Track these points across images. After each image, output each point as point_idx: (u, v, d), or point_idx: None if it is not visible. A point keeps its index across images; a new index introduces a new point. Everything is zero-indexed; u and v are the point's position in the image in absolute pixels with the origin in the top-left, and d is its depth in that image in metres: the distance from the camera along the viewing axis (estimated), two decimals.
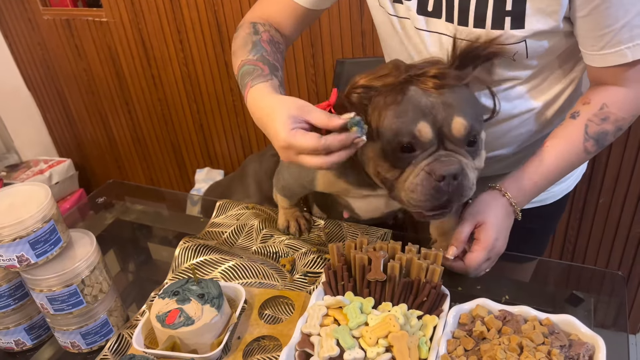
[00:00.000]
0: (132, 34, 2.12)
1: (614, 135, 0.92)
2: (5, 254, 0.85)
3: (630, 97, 0.89)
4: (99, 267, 0.94)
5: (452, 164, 0.78)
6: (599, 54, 0.86)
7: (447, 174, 0.77)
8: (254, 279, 1.07)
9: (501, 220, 0.92)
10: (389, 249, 0.87)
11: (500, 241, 0.92)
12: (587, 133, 0.91)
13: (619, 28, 0.82)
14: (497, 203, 0.93)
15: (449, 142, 0.81)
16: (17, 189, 0.93)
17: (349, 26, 1.73)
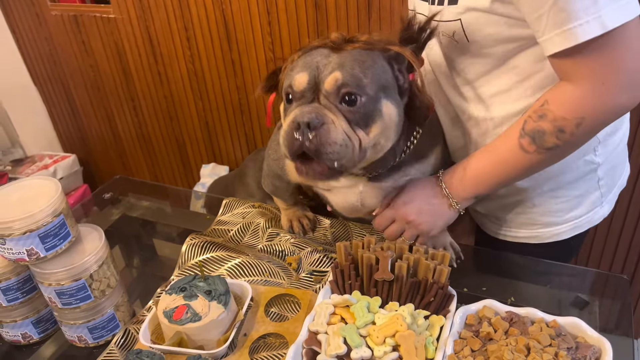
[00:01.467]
0: (139, 31, 2.12)
1: (555, 136, 0.82)
2: (15, 247, 0.86)
3: (573, 95, 0.80)
4: (107, 262, 0.94)
5: (309, 112, 0.79)
6: (542, 40, 0.79)
7: (301, 121, 0.78)
8: (260, 276, 1.08)
9: (420, 192, 0.97)
10: (396, 249, 0.88)
11: (409, 207, 0.96)
12: (523, 129, 0.85)
13: (547, 12, 0.75)
14: (426, 180, 0.99)
15: (324, 97, 0.82)
16: (28, 182, 0.93)
17: (357, 25, 1.73)
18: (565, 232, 1.07)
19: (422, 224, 0.96)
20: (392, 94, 0.86)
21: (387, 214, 0.98)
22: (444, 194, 0.95)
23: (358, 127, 0.83)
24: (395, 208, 0.97)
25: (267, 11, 1.83)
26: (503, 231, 1.13)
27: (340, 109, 0.82)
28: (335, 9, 1.73)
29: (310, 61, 0.84)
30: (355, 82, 0.81)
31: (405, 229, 0.98)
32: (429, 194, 0.96)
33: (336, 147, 0.80)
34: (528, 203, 1.06)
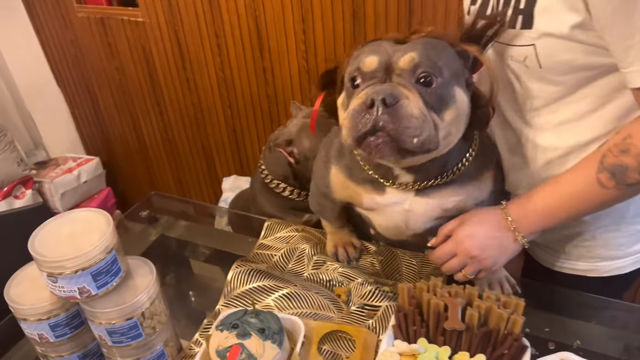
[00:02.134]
0: (167, 36, 2.08)
1: (638, 172, 0.78)
2: (67, 286, 0.82)
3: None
4: (159, 298, 0.91)
5: (385, 89, 0.76)
6: (627, 72, 0.76)
7: (375, 97, 0.75)
8: (308, 309, 1.04)
9: (483, 224, 0.91)
10: (465, 295, 0.83)
11: (472, 241, 0.90)
12: (602, 163, 0.81)
13: (638, 42, 0.72)
14: (489, 210, 0.93)
15: (396, 75, 0.79)
16: (77, 215, 0.90)
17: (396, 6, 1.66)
18: (625, 267, 1.03)
19: (486, 259, 0.91)
20: (462, 83, 0.84)
21: (448, 248, 0.94)
22: (509, 227, 0.90)
23: (432, 110, 0.79)
24: (457, 241, 0.92)
25: (302, 19, 1.78)
26: (559, 262, 1.08)
27: (416, 89, 0.78)
28: (374, 18, 1.67)
29: (378, 48, 0.82)
30: (431, 63, 0.78)
31: (467, 264, 0.93)
32: (494, 226, 0.91)
33: (414, 122, 0.76)
34: (588, 235, 1.02)
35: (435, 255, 0.96)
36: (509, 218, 0.90)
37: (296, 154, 1.27)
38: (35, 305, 0.86)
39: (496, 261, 0.93)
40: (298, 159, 1.28)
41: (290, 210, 1.37)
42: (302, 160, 1.28)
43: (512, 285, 1.04)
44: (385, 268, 1.14)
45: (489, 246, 0.91)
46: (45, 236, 0.85)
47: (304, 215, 1.37)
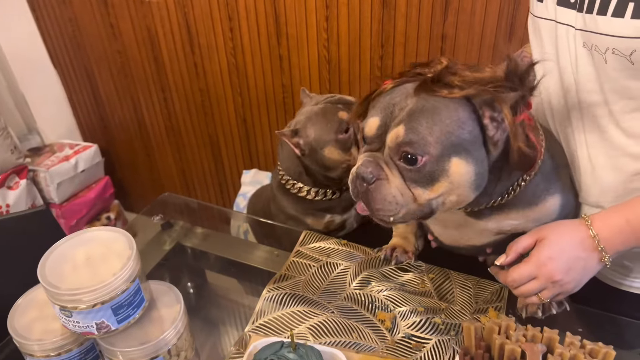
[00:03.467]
0: (175, 18, 1.93)
1: None
2: (84, 321, 0.70)
3: None
4: (187, 331, 0.79)
5: (367, 166, 0.77)
6: None
7: (358, 174, 0.78)
8: (347, 337, 0.93)
9: (566, 243, 0.81)
10: (543, 339, 0.73)
11: (555, 264, 0.80)
12: None
13: None
14: (572, 227, 0.82)
15: (388, 150, 0.77)
16: (93, 235, 0.77)
17: (429, 28, 1.55)
18: None
19: (569, 283, 0.82)
20: (469, 150, 0.74)
21: (527, 271, 0.82)
22: (596, 247, 0.80)
23: (416, 184, 0.76)
24: (539, 264, 0.81)
25: (326, 5, 1.64)
26: (624, 280, 0.99)
27: (397, 166, 0.76)
28: (406, 6, 1.54)
29: (389, 102, 0.78)
30: (417, 141, 0.73)
31: (547, 288, 0.83)
32: (579, 246, 0.81)
33: (385, 204, 0.77)
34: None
35: (511, 278, 0.85)
36: (596, 236, 0.80)
37: (302, 145, 1.17)
38: (44, 339, 0.75)
39: (578, 284, 0.84)
40: (304, 150, 1.17)
41: (310, 211, 1.26)
42: (308, 151, 1.18)
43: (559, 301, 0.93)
44: (438, 288, 1.03)
45: (573, 269, 0.81)
46: (58, 261, 0.73)
47: (326, 215, 1.26)
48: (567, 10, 0.83)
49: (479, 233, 0.92)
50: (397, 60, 1.65)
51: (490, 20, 1.48)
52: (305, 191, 1.24)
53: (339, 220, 1.29)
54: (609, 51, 0.77)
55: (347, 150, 1.16)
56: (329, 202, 1.25)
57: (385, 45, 1.64)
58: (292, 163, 1.24)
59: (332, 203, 1.26)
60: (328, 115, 1.16)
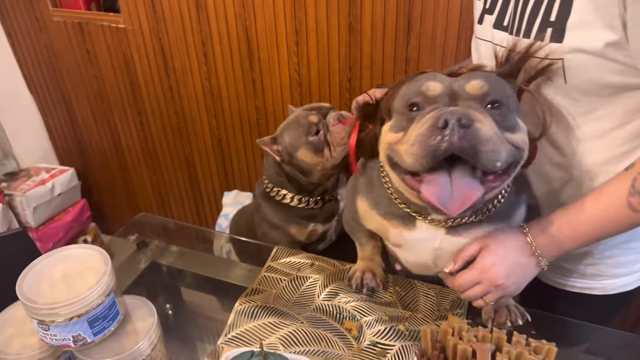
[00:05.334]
0: (150, 43, 1.98)
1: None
2: (61, 334, 0.74)
3: None
4: (160, 342, 0.83)
5: (456, 112, 0.71)
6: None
7: (450, 117, 0.70)
8: (315, 346, 0.97)
9: (507, 250, 0.87)
10: (493, 339, 0.78)
11: (497, 268, 0.86)
12: (633, 187, 0.79)
13: None
14: (512, 235, 0.88)
15: (463, 100, 0.76)
16: (70, 253, 0.82)
17: (393, 51, 1.63)
18: (630, 284, 1.04)
19: (510, 286, 0.88)
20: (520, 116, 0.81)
21: (471, 277, 0.89)
22: (533, 252, 0.87)
23: (505, 131, 0.76)
24: (482, 270, 0.87)
25: (296, 31, 1.72)
26: (564, 280, 1.07)
27: (488, 112, 0.76)
28: (371, 31, 1.62)
29: (434, 77, 0.80)
30: (500, 91, 0.77)
31: (491, 292, 0.89)
32: (518, 253, 0.87)
33: (492, 144, 0.71)
34: (598, 254, 1.01)
35: (457, 283, 0.91)
36: (533, 243, 0.87)
37: (281, 151, 1.23)
38: (22, 354, 0.78)
39: (519, 287, 0.90)
40: (283, 157, 1.24)
41: (294, 219, 1.31)
42: (287, 157, 1.25)
43: (522, 313, 1.00)
44: (402, 298, 1.08)
45: (514, 273, 0.88)
46: (35, 278, 0.77)
47: (309, 224, 1.32)
48: (502, 33, 0.91)
49: (452, 255, 0.93)
50: (365, 82, 1.73)
51: (450, 43, 1.57)
52: (289, 198, 1.29)
53: (321, 230, 1.34)
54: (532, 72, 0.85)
55: (319, 151, 1.22)
56: (312, 210, 1.31)
57: (353, 68, 1.71)
58: (275, 171, 1.30)
59: (314, 212, 1.31)
60: (300, 120, 1.22)
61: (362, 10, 1.60)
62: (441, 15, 1.52)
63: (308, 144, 1.21)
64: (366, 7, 1.59)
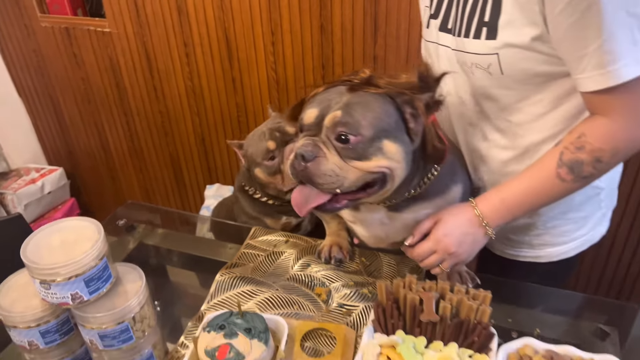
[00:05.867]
0: (135, 46, 2.09)
1: (592, 166, 0.90)
2: (60, 292, 0.85)
3: (611, 128, 0.88)
4: (148, 303, 0.94)
5: (307, 146, 0.88)
6: (579, 78, 0.87)
7: (297, 153, 0.88)
8: (289, 309, 1.09)
9: (457, 222, 0.99)
10: (437, 289, 0.91)
11: (449, 239, 0.98)
12: (561, 159, 0.91)
13: (592, 52, 0.82)
14: (460, 209, 1.00)
15: (325, 131, 0.89)
16: (67, 224, 0.92)
17: (362, 50, 1.76)
18: (571, 250, 1.16)
19: (462, 254, 1.00)
20: (396, 135, 0.90)
21: (427, 246, 1.00)
22: (480, 223, 0.98)
23: (352, 159, 0.88)
24: (436, 240, 0.99)
25: (272, 32, 1.84)
26: (515, 252, 1.19)
27: (334, 145, 0.88)
28: (341, 32, 1.75)
29: (326, 98, 0.91)
30: (352, 123, 0.87)
31: (445, 259, 1.01)
32: (467, 224, 0.99)
33: (326, 178, 0.88)
34: (540, 225, 1.13)
35: (416, 253, 1.02)
36: (480, 215, 0.99)
37: (245, 158, 1.32)
38: (26, 312, 0.88)
39: (470, 254, 1.02)
40: (247, 164, 1.32)
41: (268, 212, 1.41)
42: (247, 165, 1.32)
43: (472, 277, 1.12)
44: (368, 267, 1.20)
45: (464, 242, 0.99)
46: (37, 244, 0.87)
47: (282, 217, 1.42)
48: (446, 35, 1.03)
49: (400, 228, 1.06)
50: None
51: (415, 42, 1.70)
52: (259, 195, 1.40)
53: (295, 222, 1.45)
54: (474, 66, 0.97)
55: (272, 174, 1.29)
56: (281, 207, 1.41)
57: (326, 66, 1.84)
58: (246, 170, 1.40)
59: (287, 207, 1.40)
60: (261, 141, 1.28)
61: (332, 12, 1.72)
62: (404, 17, 1.65)
63: (263, 165, 1.28)
64: (335, 9, 1.71)
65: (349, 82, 0.92)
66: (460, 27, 0.98)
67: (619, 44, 0.80)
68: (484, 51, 0.94)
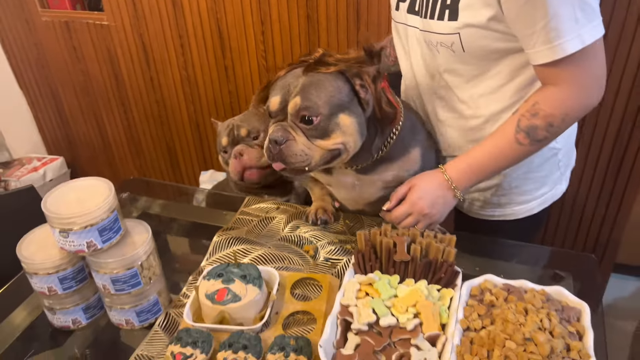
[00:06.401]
0: (132, 38, 2.20)
1: (545, 130, 1.02)
2: (77, 240, 0.96)
3: (560, 96, 1.00)
4: (153, 253, 1.06)
5: (277, 132, 1.01)
6: (530, 53, 0.99)
7: (271, 139, 1.01)
8: (280, 263, 1.21)
9: (430, 187, 1.11)
10: (410, 234, 1.03)
11: (423, 201, 1.10)
12: (518, 126, 1.04)
13: (539, 30, 0.94)
14: (432, 175, 1.13)
15: (289, 115, 1.02)
16: (82, 183, 1.04)
17: (346, 37, 1.88)
18: (535, 207, 1.29)
19: (435, 214, 1.12)
20: (349, 108, 1.04)
21: (403, 209, 1.11)
22: (449, 187, 1.11)
23: (317, 138, 1.02)
24: (411, 203, 1.10)
25: (261, 21, 1.96)
26: (482, 211, 1.32)
27: (300, 127, 1.01)
28: (326, 21, 1.87)
29: (284, 83, 1.04)
30: (310, 106, 1.00)
31: (420, 220, 1.13)
32: (438, 188, 1.11)
33: (297, 158, 1.02)
34: (506, 186, 1.26)
35: (394, 216, 1.14)
36: (450, 179, 1.11)
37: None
38: (46, 261, 1.00)
39: (442, 215, 1.14)
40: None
41: (253, 191, 1.53)
42: None
43: (443, 232, 1.24)
44: (351, 228, 1.32)
45: (436, 204, 1.11)
46: (56, 199, 0.99)
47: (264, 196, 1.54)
48: (414, 17, 1.15)
49: (370, 188, 1.20)
50: None
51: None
52: None
53: (282, 201, 1.57)
54: (439, 44, 1.10)
55: (225, 164, 1.47)
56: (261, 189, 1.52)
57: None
58: None
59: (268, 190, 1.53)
60: (221, 135, 1.46)
61: (317, 2, 1.85)
62: (384, 6, 1.78)
63: (220, 155, 1.46)
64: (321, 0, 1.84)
65: (305, 63, 1.05)
66: (426, 10, 1.10)
67: (562, 22, 0.93)
68: (447, 31, 1.06)
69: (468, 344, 0.85)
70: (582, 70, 0.99)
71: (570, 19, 0.93)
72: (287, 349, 0.92)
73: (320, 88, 1.01)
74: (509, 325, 0.84)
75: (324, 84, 1.02)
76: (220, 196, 1.53)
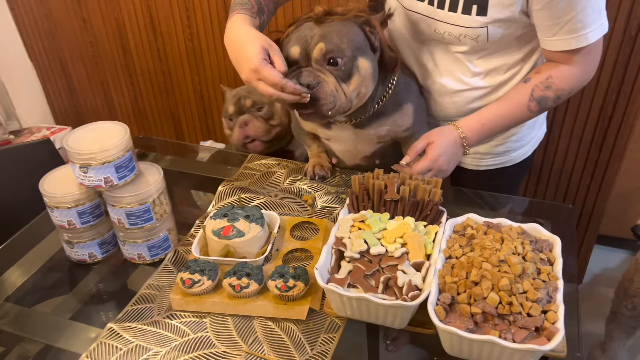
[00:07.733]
0: (140, 10, 2.28)
1: (553, 101, 1.16)
2: (95, 175, 1.05)
3: (572, 74, 1.13)
4: (164, 192, 1.15)
5: (308, 76, 1.05)
6: (551, 40, 1.09)
7: (303, 84, 1.04)
8: (281, 210, 1.30)
9: (447, 144, 1.18)
10: (400, 177, 1.12)
11: (443, 158, 1.17)
12: (532, 95, 1.15)
13: (566, 21, 1.04)
14: (448, 132, 1.20)
15: (314, 62, 1.07)
16: (100, 125, 1.13)
17: None
18: (528, 151, 1.41)
19: (449, 170, 1.21)
20: (365, 52, 1.11)
21: (425, 165, 1.16)
22: (462, 143, 1.20)
23: (342, 81, 1.08)
24: (432, 160, 1.16)
25: None
26: (481, 162, 1.41)
27: (328, 70, 1.07)
28: None
29: (300, 35, 1.09)
30: (336, 47, 1.06)
31: (437, 175, 1.19)
32: (454, 144, 1.19)
33: (328, 99, 1.06)
34: (502, 137, 1.35)
35: (416, 171, 1.17)
36: (465, 137, 1.19)
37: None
38: (66, 194, 1.09)
39: (452, 169, 1.23)
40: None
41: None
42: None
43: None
44: (347, 182, 1.41)
45: (452, 160, 1.21)
46: (76, 138, 1.08)
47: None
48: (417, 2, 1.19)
49: (366, 142, 1.29)
50: None
51: None
52: None
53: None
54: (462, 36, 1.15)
55: (229, 129, 1.57)
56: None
57: None
58: None
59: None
60: (229, 102, 1.55)
61: None
62: None
63: (225, 120, 1.56)
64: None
65: (312, 18, 1.11)
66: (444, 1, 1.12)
67: (589, 14, 1.04)
68: (474, 25, 1.12)
69: (449, 269, 0.95)
70: (592, 55, 1.12)
71: (596, 11, 1.04)
72: (287, 276, 1.01)
73: (341, 33, 1.08)
74: (486, 251, 0.93)
75: (343, 30, 1.08)
76: (224, 153, 1.62)
